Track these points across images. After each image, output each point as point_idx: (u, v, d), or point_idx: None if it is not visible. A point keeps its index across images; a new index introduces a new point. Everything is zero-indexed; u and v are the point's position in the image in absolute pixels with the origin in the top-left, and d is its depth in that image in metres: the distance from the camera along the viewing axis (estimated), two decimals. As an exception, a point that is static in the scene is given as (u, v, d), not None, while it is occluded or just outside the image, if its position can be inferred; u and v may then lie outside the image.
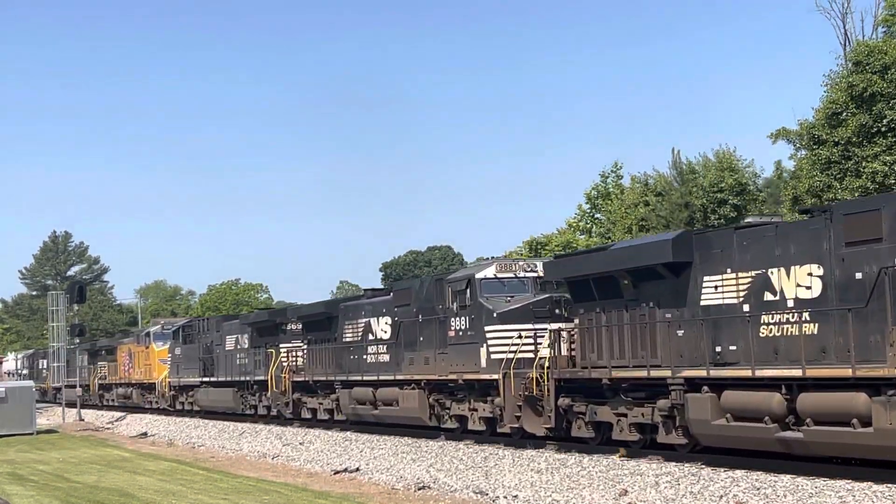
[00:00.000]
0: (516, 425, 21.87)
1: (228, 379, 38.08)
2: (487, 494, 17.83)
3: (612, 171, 59.12)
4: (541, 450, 21.15)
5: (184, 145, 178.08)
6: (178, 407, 44.50)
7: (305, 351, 32.55)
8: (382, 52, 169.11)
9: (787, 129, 45.29)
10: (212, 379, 39.80)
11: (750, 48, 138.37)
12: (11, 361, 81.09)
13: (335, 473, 22.58)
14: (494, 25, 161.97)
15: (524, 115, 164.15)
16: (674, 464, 17.34)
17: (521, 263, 23.48)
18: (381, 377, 27.16)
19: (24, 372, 73.64)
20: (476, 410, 23.75)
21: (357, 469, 22.60)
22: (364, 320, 28.86)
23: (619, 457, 19.07)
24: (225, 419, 38.08)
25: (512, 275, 23.18)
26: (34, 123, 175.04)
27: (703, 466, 16.82)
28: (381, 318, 27.84)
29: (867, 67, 33.82)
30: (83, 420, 47.90)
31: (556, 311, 22.22)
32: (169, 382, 45.03)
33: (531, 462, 19.48)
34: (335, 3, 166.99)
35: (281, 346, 33.99)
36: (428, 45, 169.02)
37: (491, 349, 22.33)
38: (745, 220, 19.40)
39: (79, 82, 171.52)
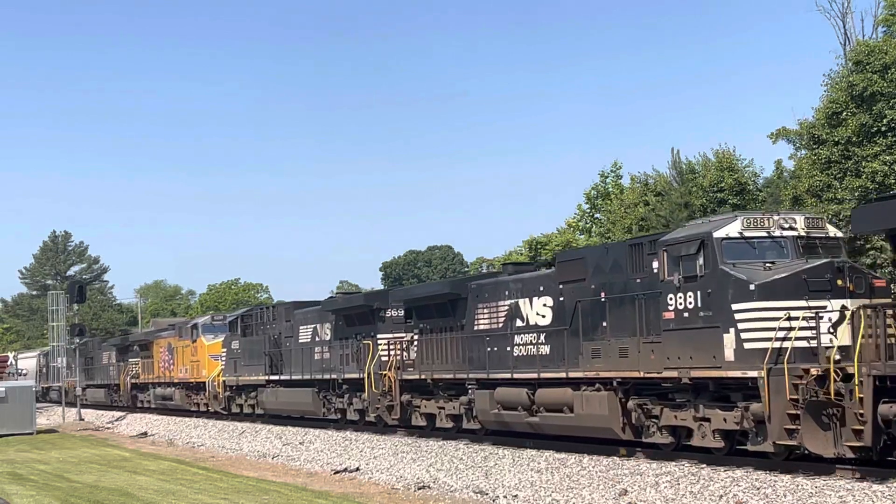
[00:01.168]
0: (790, 442, 15.61)
1: (307, 377, 31.32)
2: (487, 494, 17.84)
3: (611, 170, 59.14)
4: (541, 450, 20.96)
5: (184, 145, 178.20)
6: (235, 410, 37.79)
7: (416, 342, 26.19)
8: (381, 52, 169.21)
9: (787, 129, 45.29)
10: (282, 377, 33.17)
11: (750, 48, 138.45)
12: (31, 359, 72.16)
13: (335, 473, 22.58)
14: (494, 25, 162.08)
15: (524, 115, 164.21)
16: (674, 464, 17.33)
17: (775, 218, 17.54)
18: (544, 375, 20.85)
19: (44, 370, 68.00)
20: (708, 421, 17.36)
21: (357, 469, 22.60)
22: (507, 303, 22.51)
23: (620, 456, 19.06)
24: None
25: (764, 233, 17.30)
26: (34, 123, 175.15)
27: (704, 466, 16.82)
28: (534, 298, 21.65)
29: (867, 67, 33.77)
30: (83, 420, 47.89)
31: (839, 281, 16.37)
32: (223, 382, 38.21)
33: (531, 462, 19.46)
34: (335, 4, 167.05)
35: (379, 336, 27.77)
36: (427, 44, 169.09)
37: (743, 335, 16.23)
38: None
39: (79, 82, 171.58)
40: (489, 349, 22.80)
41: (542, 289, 21.43)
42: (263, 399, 34.64)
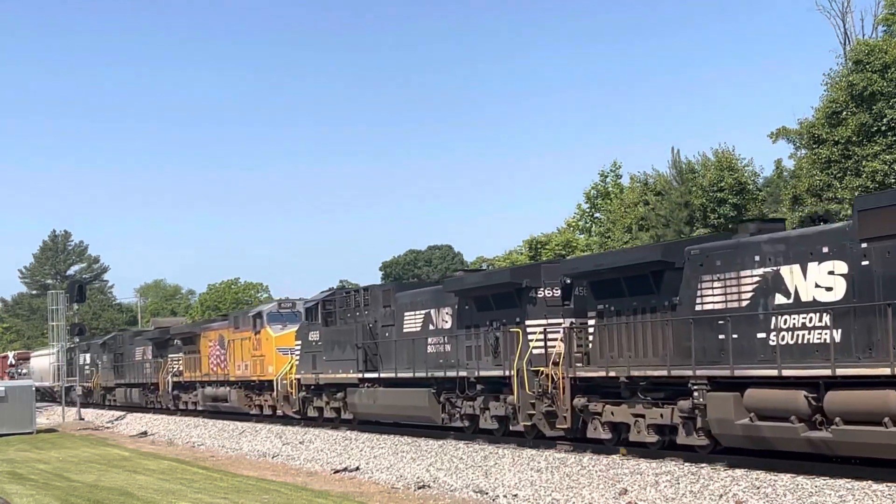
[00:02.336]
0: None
1: (419, 375, 25.18)
2: (487, 493, 17.84)
3: (611, 170, 59.19)
4: (541, 449, 21.03)
5: (184, 145, 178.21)
6: (312, 413, 31.67)
7: (594, 329, 20.31)
8: (381, 51, 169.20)
9: (787, 129, 45.35)
10: (379, 375, 27.35)
11: (750, 47, 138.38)
12: (48, 356, 64.89)
13: (335, 472, 22.59)
14: (494, 24, 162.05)
15: (524, 115, 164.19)
16: (673, 463, 17.34)
17: None
18: (841, 372, 14.69)
19: (64, 368, 61.24)
20: None
21: (357, 468, 22.60)
22: (758, 272, 16.55)
23: (620, 456, 19.07)
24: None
25: None
26: (34, 122, 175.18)
27: (704, 465, 16.82)
28: (810, 264, 15.65)
29: (867, 66, 33.81)
30: (83, 419, 47.87)
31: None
32: (298, 380, 31.86)
33: (531, 461, 19.46)
34: (335, 3, 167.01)
35: (529, 323, 21.81)
36: (427, 43, 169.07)
37: None
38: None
39: (78, 81, 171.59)
40: (729, 336, 16.77)
41: (825, 250, 15.49)
42: (355, 401, 28.40)
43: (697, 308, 17.58)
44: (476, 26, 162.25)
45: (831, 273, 15.35)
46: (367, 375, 27.76)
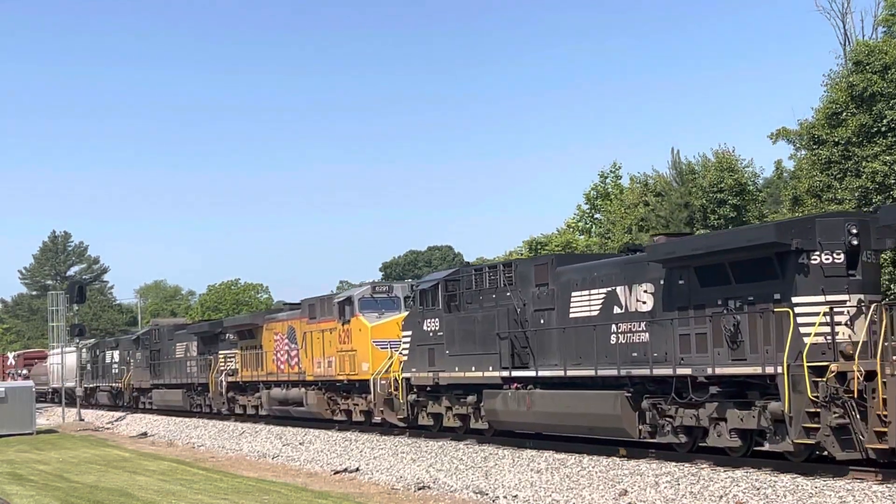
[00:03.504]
0: None
1: (604, 373, 19.47)
2: (487, 494, 17.84)
3: (610, 171, 59.17)
4: (541, 450, 21.04)
5: (184, 145, 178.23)
6: (426, 421, 25.65)
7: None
8: (381, 51, 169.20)
9: (787, 129, 45.30)
10: (537, 373, 21.34)
11: (750, 48, 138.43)
12: (71, 354, 57.96)
13: (335, 473, 22.59)
14: (494, 24, 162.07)
15: (524, 116, 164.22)
16: (674, 464, 17.33)
17: None
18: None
19: (88, 367, 56.89)
20: None
21: (357, 469, 22.60)
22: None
23: (620, 457, 19.07)
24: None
25: None
26: (34, 123, 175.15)
27: (704, 466, 16.82)
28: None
29: (867, 67, 33.78)
30: (83, 420, 47.86)
31: None
32: (406, 380, 25.72)
33: (531, 462, 19.47)
34: (334, 3, 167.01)
35: (798, 300, 15.78)
36: (427, 44, 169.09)
37: None
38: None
39: (78, 81, 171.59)
40: None
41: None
42: (496, 407, 22.23)
43: None
44: (476, 27, 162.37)
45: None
46: (517, 374, 21.59)
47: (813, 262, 15.95)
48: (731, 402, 16.81)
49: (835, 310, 15.63)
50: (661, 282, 18.35)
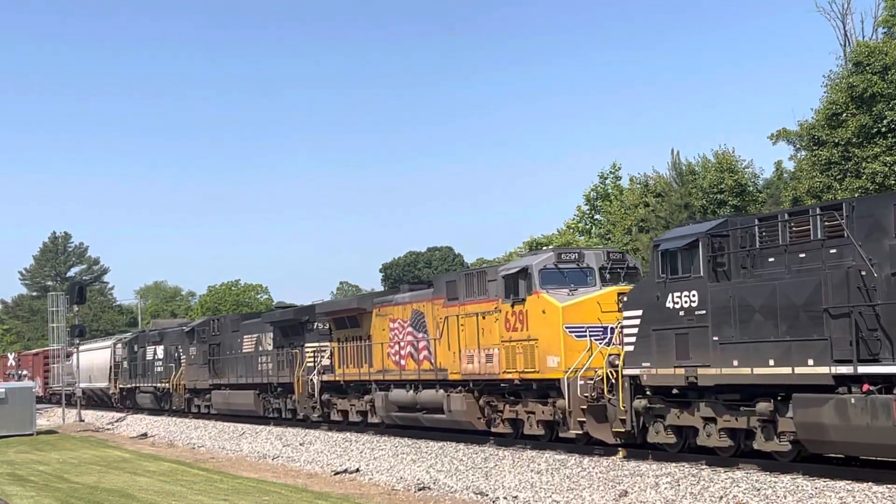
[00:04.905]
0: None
1: None
2: (487, 495, 17.84)
3: (610, 171, 59.22)
4: (541, 451, 21.06)
5: (184, 146, 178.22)
6: (663, 439, 18.31)
7: None
8: (381, 51, 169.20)
9: (787, 130, 45.35)
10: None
11: (750, 48, 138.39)
12: (102, 350, 52.98)
13: (335, 474, 22.59)
14: (494, 26, 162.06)
15: (524, 116, 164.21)
16: (674, 465, 17.34)
17: None
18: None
19: (125, 365, 49.81)
20: None
21: (357, 470, 22.60)
22: None
23: (620, 457, 19.07)
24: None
25: None
26: (34, 124, 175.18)
27: (704, 467, 16.82)
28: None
29: (867, 68, 33.83)
30: (83, 421, 47.84)
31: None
32: (630, 379, 18.66)
33: (531, 463, 19.47)
34: (333, 7, 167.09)
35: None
36: (427, 45, 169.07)
37: None
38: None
39: (78, 83, 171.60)
40: None
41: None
42: (824, 421, 14.87)
43: None
44: (476, 28, 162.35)
45: None
46: (868, 370, 14.29)
47: None
48: None
49: None
50: None
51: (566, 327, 20.63)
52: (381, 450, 24.33)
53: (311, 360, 31.18)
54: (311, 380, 30.94)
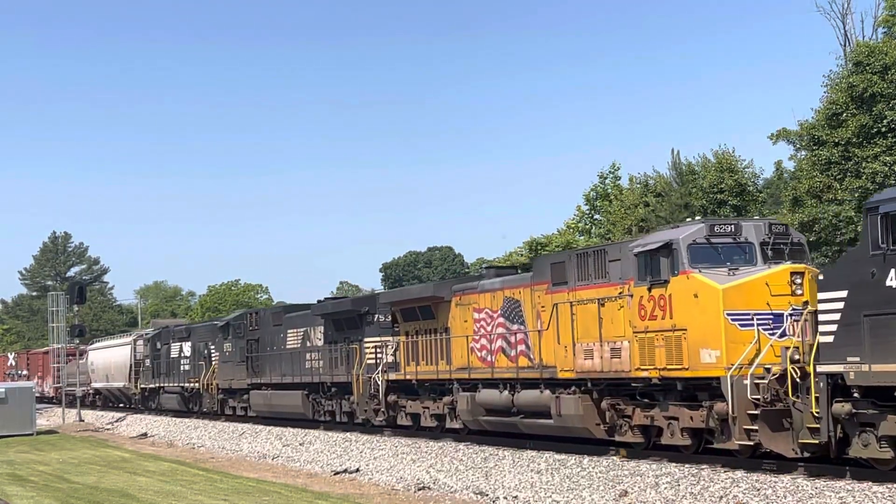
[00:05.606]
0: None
1: None
2: (487, 495, 17.83)
3: (610, 171, 59.21)
4: (541, 451, 21.04)
5: (183, 146, 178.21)
6: (877, 453, 14.53)
7: None
8: (380, 55, 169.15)
9: (787, 130, 45.30)
10: None
11: (750, 48, 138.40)
12: (120, 348, 50.24)
13: (335, 474, 22.58)
14: (494, 26, 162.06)
15: (523, 116, 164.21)
16: (674, 465, 17.34)
17: None
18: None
19: (147, 364, 46.67)
20: None
21: (357, 470, 22.59)
22: None
23: (620, 457, 19.07)
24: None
25: None
26: (34, 124, 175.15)
27: (704, 467, 16.82)
28: None
29: (867, 68, 33.81)
30: (83, 420, 47.83)
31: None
32: (825, 378, 14.96)
33: (531, 463, 19.47)
34: (333, 6, 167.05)
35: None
36: (427, 46, 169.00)
37: None
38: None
39: (78, 83, 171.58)
40: None
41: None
42: None
43: None
44: (476, 28, 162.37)
45: None
46: None
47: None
48: None
49: None
50: None
51: (727, 314, 16.92)
52: (381, 450, 24.32)
53: (372, 356, 27.76)
54: (374, 379, 27.32)
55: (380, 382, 27.14)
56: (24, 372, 66.09)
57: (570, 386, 20.25)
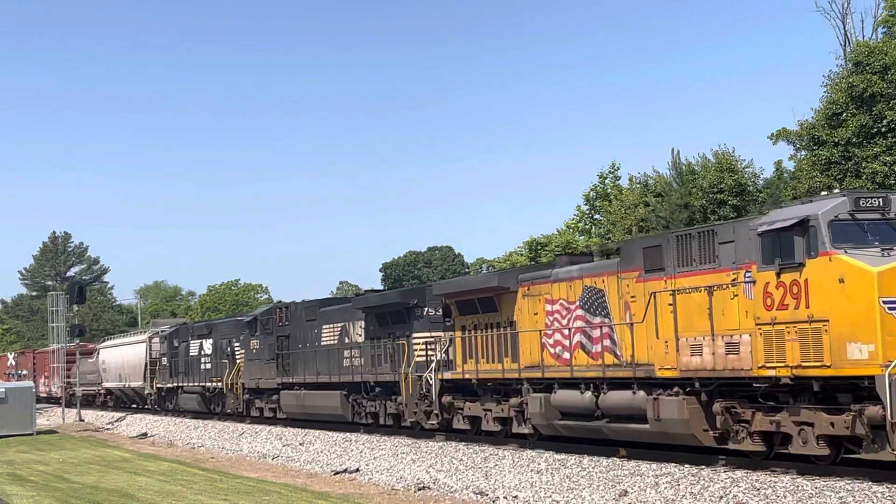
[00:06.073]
0: None
1: None
2: (487, 495, 17.83)
3: (609, 171, 59.27)
4: (540, 450, 21.07)
5: (183, 146, 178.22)
6: None
7: None
8: (379, 53, 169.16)
9: (787, 130, 45.36)
10: None
11: (750, 48, 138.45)
12: (136, 345, 47.86)
13: (335, 474, 22.58)
14: (494, 26, 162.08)
15: (524, 116, 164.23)
16: (674, 464, 17.34)
17: None
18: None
19: (164, 362, 44.33)
20: None
21: (357, 469, 22.59)
22: None
23: (620, 457, 19.07)
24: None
25: None
26: (33, 124, 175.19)
27: (704, 467, 16.83)
28: None
29: (867, 68, 33.85)
30: (83, 420, 47.83)
31: None
32: None
33: (531, 462, 19.47)
34: (330, 8, 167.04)
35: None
36: (427, 46, 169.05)
37: None
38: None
39: (78, 83, 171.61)
40: None
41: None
42: None
43: None
44: (476, 27, 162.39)
45: None
46: None
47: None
48: None
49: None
50: None
51: (884, 302, 14.33)
52: (380, 449, 24.32)
53: (422, 353, 25.25)
54: (426, 378, 24.77)
55: (433, 382, 24.55)
56: (24, 372, 66.10)
57: (670, 386, 17.79)
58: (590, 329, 19.95)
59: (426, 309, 25.85)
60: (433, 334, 25.30)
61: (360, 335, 28.51)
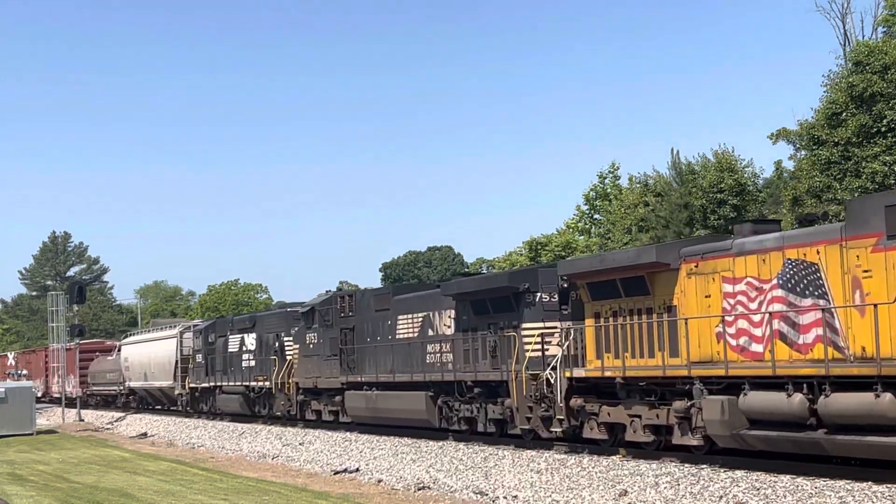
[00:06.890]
0: None
1: None
2: (487, 495, 17.83)
3: (609, 171, 59.30)
4: (541, 450, 21.04)
5: (183, 145, 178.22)
6: None
7: None
8: (379, 51, 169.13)
9: (787, 130, 45.35)
10: None
11: (750, 48, 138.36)
12: (165, 341, 43.76)
13: (335, 474, 22.59)
14: (494, 25, 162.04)
15: (524, 116, 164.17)
16: (674, 464, 17.34)
17: None
18: None
19: (198, 359, 40.32)
20: None
21: (357, 469, 22.60)
22: None
23: (620, 457, 19.07)
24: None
25: None
26: (33, 123, 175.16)
27: (704, 467, 16.83)
28: None
29: (867, 67, 33.83)
30: (83, 420, 47.83)
31: None
32: None
33: (531, 462, 19.47)
34: (334, 5, 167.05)
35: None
36: (427, 44, 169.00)
37: None
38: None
39: (78, 82, 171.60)
40: None
41: None
42: None
43: None
44: (476, 27, 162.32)
45: None
46: None
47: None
48: None
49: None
50: None
51: None
52: (380, 449, 24.32)
53: (537, 347, 21.21)
54: (547, 377, 20.64)
55: (556, 382, 20.36)
56: (24, 372, 66.03)
57: None
58: (794, 315, 15.73)
59: (539, 294, 21.62)
60: (547, 324, 21.37)
61: (450, 326, 24.31)
